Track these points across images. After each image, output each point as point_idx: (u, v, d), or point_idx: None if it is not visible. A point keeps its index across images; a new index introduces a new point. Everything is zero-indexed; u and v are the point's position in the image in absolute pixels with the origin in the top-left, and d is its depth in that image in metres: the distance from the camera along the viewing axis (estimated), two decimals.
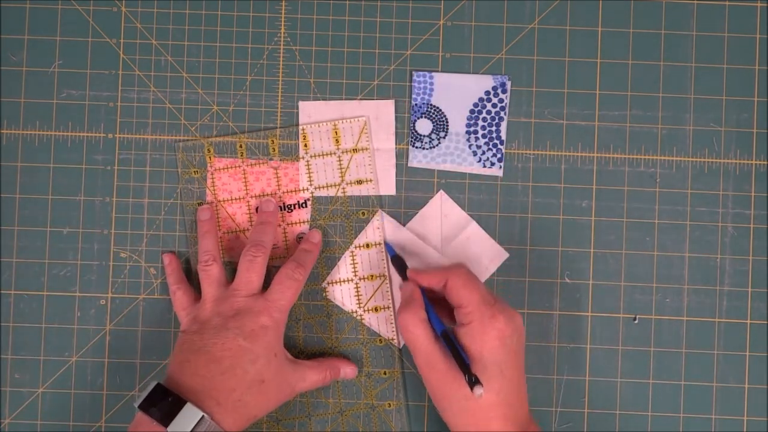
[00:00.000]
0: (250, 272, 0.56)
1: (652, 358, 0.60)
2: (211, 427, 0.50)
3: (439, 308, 0.55)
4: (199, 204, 0.60)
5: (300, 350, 0.60)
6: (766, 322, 0.60)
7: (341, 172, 0.60)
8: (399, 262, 0.58)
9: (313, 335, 0.60)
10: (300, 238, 0.60)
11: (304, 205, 0.60)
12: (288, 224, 0.60)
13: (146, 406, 0.50)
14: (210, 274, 0.57)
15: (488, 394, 0.50)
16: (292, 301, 0.56)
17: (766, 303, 0.61)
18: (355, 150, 0.60)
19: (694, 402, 0.60)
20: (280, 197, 0.60)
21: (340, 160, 0.60)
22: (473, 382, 0.49)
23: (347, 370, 0.59)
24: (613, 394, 0.60)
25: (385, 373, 0.60)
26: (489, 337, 0.51)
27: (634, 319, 0.61)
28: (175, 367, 0.53)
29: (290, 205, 0.60)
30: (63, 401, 0.60)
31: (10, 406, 0.60)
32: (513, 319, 0.52)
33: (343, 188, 0.60)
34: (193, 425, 0.49)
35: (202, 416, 0.49)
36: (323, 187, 0.60)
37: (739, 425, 0.60)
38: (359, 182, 0.60)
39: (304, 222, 0.60)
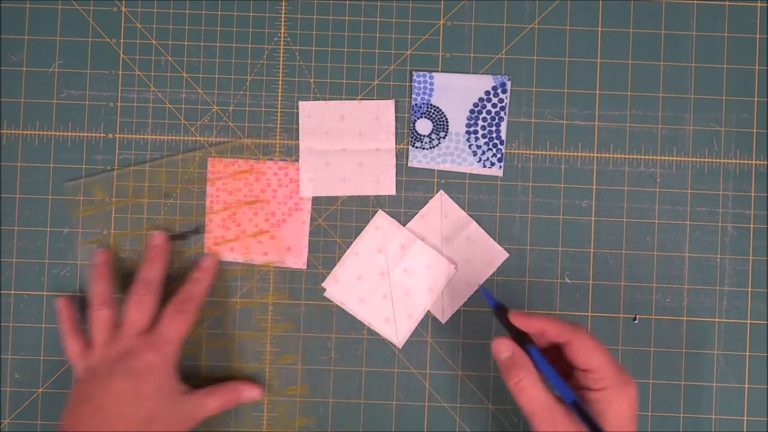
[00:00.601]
0: (138, 312, 0.56)
1: (652, 358, 0.60)
2: None
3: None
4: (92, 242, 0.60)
5: (205, 377, 0.60)
6: (766, 322, 0.60)
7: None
8: (502, 313, 0.53)
9: (218, 364, 0.60)
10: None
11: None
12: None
13: None
14: (100, 317, 0.56)
15: None
16: (182, 334, 0.56)
17: (766, 303, 0.61)
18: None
19: (694, 402, 0.60)
20: (279, 197, 0.60)
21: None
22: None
23: (251, 394, 0.59)
24: None
25: (290, 391, 0.60)
26: (625, 406, 0.49)
27: (634, 319, 0.61)
28: (65, 421, 0.52)
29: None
30: (63, 401, 0.60)
31: (10, 406, 0.60)
32: (635, 383, 0.50)
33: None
34: None
35: None
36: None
37: (739, 425, 0.60)
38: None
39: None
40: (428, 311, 0.60)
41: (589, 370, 0.50)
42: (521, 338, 0.52)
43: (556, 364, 0.51)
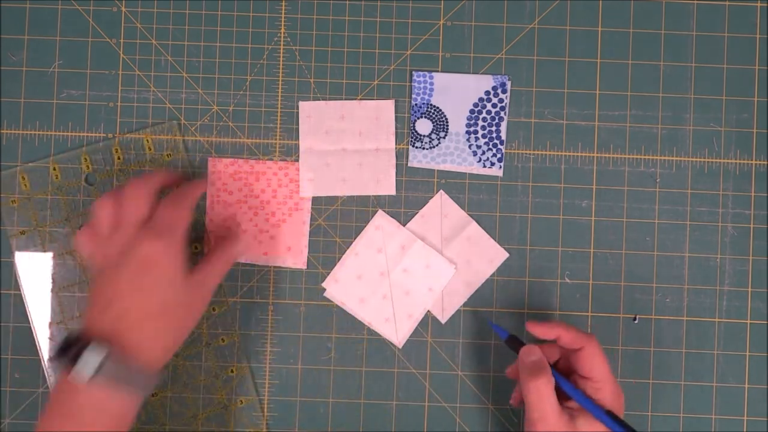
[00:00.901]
0: (134, 201, 0.53)
1: (652, 358, 0.60)
2: (118, 362, 0.48)
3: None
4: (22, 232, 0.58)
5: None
6: (766, 322, 0.60)
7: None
8: (516, 343, 0.56)
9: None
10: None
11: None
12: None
13: (57, 356, 0.49)
14: (104, 208, 0.54)
15: None
16: (183, 223, 0.53)
17: (766, 303, 0.61)
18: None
19: (694, 402, 0.60)
20: (280, 197, 0.60)
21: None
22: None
23: (241, 245, 0.59)
24: None
25: (232, 371, 0.60)
26: (617, 413, 0.53)
27: (634, 319, 0.61)
28: (86, 315, 0.52)
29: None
30: None
31: (10, 406, 0.60)
32: (623, 395, 0.54)
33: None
34: (98, 363, 0.47)
35: (107, 352, 0.48)
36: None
37: (739, 425, 0.60)
38: None
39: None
40: (428, 311, 0.60)
41: (591, 378, 0.53)
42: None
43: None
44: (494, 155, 0.61)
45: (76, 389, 0.48)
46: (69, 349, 0.48)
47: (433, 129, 0.61)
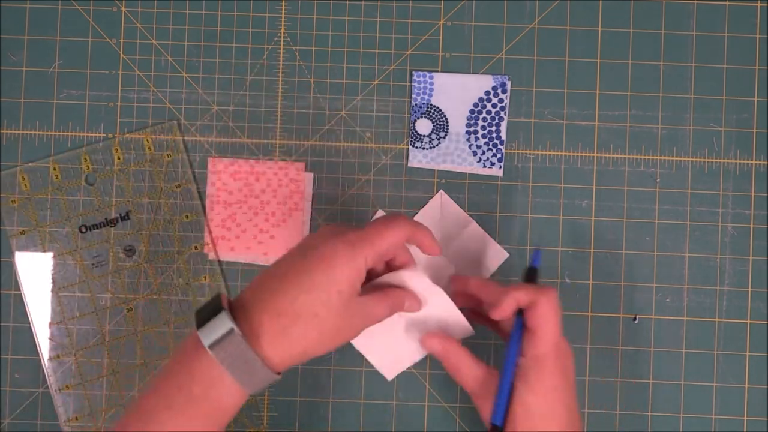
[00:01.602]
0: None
1: (652, 358, 0.60)
2: (238, 343, 0.45)
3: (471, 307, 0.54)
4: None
5: None
6: (766, 322, 0.60)
7: None
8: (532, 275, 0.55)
9: None
10: (128, 249, 0.58)
11: (126, 217, 0.60)
12: (114, 239, 0.60)
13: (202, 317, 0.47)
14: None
15: (546, 421, 0.50)
16: (388, 240, 0.49)
17: (766, 303, 0.61)
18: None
19: (694, 402, 0.60)
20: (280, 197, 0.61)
21: None
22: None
23: (413, 304, 0.53)
24: (614, 394, 0.60)
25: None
26: (556, 374, 0.50)
27: (634, 319, 0.61)
28: (248, 288, 0.49)
29: (112, 219, 0.60)
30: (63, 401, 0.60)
31: (10, 406, 0.60)
32: (570, 350, 0.52)
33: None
34: (218, 336, 0.45)
35: (231, 329, 0.45)
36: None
37: (739, 425, 0.60)
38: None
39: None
40: None
41: (536, 331, 0.50)
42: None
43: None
44: (494, 155, 0.61)
45: (196, 351, 0.46)
46: (207, 310, 0.46)
47: (433, 129, 0.61)
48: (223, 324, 0.45)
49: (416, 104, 0.61)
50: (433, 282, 0.58)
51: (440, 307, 0.54)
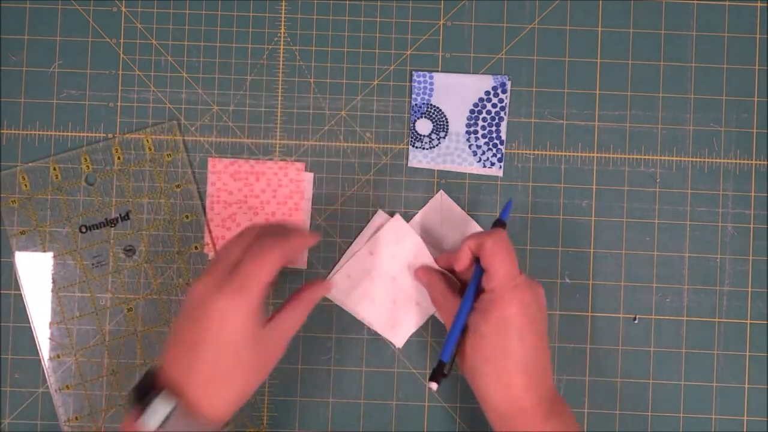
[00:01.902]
0: (234, 248, 0.51)
1: (652, 358, 0.60)
2: (183, 417, 0.48)
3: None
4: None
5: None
6: (766, 322, 0.60)
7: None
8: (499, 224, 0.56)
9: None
10: (128, 249, 0.59)
11: (125, 217, 0.60)
12: (114, 239, 0.60)
13: (135, 397, 0.49)
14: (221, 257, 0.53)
15: (506, 360, 0.51)
16: (264, 274, 0.50)
17: (766, 303, 0.61)
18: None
19: (694, 402, 0.60)
20: (279, 197, 0.60)
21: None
22: (434, 376, 0.52)
23: (321, 291, 0.55)
24: (614, 394, 0.60)
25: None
26: (510, 304, 0.51)
27: (634, 319, 0.61)
28: (164, 354, 0.51)
29: (113, 219, 0.60)
30: (63, 401, 0.60)
31: (10, 406, 0.60)
32: (533, 288, 0.53)
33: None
34: (162, 418, 0.47)
35: (174, 406, 0.47)
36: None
37: (739, 425, 0.60)
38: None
39: (130, 233, 0.60)
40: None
41: (488, 270, 0.52)
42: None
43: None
44: (494, 155, 0.61)
45: None
46: (142, 392, 0.48)
47: (433, 129, 0.61)
48: (165, 404, 0.48)
49: (416, 104, 0.61)
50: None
51: (417, 253, 0.60)
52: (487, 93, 0.61)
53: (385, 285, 0.60)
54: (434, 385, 0.52)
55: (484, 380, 0.52)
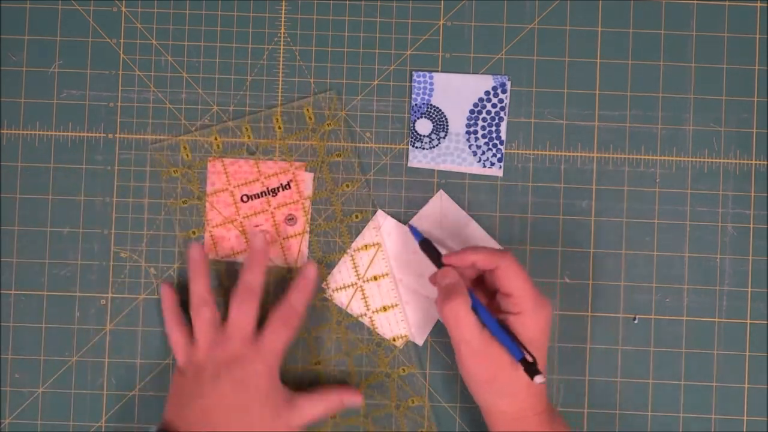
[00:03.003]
0: (243, 316, 0.55)
1: (652, 358, 0.60)
2: None
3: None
4: (183, 203, 0.60)
5: (313, 362, 0.60)
6: (766, 322, 0.60)
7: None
8: (429, 247, 0.57)
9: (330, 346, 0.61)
10: (290, 219, 0.60)
11: (287, 186, 0.60)
12: (275, 208, 0.60)
13: None
14: (202, 317, 0.56)
15: (522, 373, 0.53)
16: (287, 344, 0.56)
17: (766, 303, 0.61)
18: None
19: (694, 402, 0.60)
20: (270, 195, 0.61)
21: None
22: (533, 371, 0.52)
23: (352, 400, 0.58)
24: (613, 394, 0.60)
25: (404, 371, 0.60)
26: (540, 327, 0.53)
27: (634, 319, 0.61)
28: (172, 413, 0.54)
29: (274, 188, 0.60)
30: (63, 401, 0.60)
31: (10, 406, 0.60)
32: (549, 307, 0.54)
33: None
34: None
35: None
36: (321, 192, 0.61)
37: (739, 425, 0.60)
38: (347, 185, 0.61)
39: (291, 203, 0.60)
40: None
41: (510, 294, 0.53)
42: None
43: (478, 289, 0.56)
44: (494, 155, 0.61)
45: None
46: None
47: (433, 129, 0.61)
48: None
49: (416, 104, 0.61)
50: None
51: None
52: (487, 93, 0.61)
53: (374, 281, 0.60)
54: (540, 378, 0.52)
55: (502, 398, 0.54)
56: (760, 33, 0.61)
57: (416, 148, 0.61)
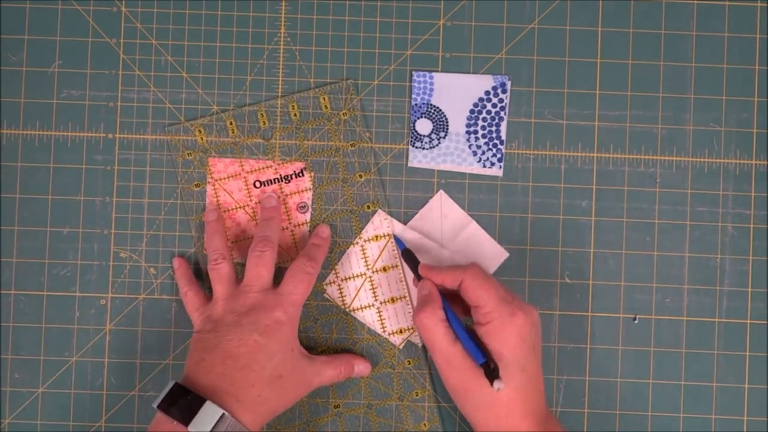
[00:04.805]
0: (260, 267, 0.56)
1: (652, 358, 0.60)
2: (231, 424, 0.50)
3: (453, 304, 0.55)
4: (196, 186, 0.60)
5: (319, 351, 0.60)
6: (766, 322, 0.60)
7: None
8: (410, 257, 0.58)
9: (332, 335, 0.60)
10: (302, 206, 0.60)
11: (300, 174, 0.60)
12: (288, 195, 0.60)
13: (165, 406, 0.50)
14: (220, 272, 0.56)
15: (508, 390, 0.51)
16: (305, 295, 0.56)
17: (766, 303, 0.61)
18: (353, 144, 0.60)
19: (694, 402, 0.60)
20: (281, 191, 0.61)
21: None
22: (492, 376, 0.51)
23: (361, 367, 0.59)
24: (613, 394, 0.60)
25: (409, 363, 0.60)
26: (509, 335, 0.52)
27: (634, 319, 0.61)
28: (191, 367, 0.53)
29: (287, 175, 0.60)
30: (63, 401, 0.60)
31: (10, 406, 0.60)
32: (530, 314, 0.53)
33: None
34: (213, 423, 0.49)
35: (223, 414, 0.49)
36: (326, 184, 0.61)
37: (739, 425, 0.60)
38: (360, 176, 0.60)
39: (303, 191, 0.60)
40: None
41: (477, 305, 0.53)
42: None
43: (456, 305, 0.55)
44: (494, 155, 0.61)
45: None
46: (179, 400, 0.50)
47: (433, 129, 0.61)
48: (212, 412, 0.49)
49: (416, 104, 0.61)
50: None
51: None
52: (487, 93, 0.61)
53: (377, 283, 0.60)
54: (498, 383, 0.51)
55: (479, 411, 0.53)
56: (760, 33, 0.61)
57: (416, 148, 0.61)
